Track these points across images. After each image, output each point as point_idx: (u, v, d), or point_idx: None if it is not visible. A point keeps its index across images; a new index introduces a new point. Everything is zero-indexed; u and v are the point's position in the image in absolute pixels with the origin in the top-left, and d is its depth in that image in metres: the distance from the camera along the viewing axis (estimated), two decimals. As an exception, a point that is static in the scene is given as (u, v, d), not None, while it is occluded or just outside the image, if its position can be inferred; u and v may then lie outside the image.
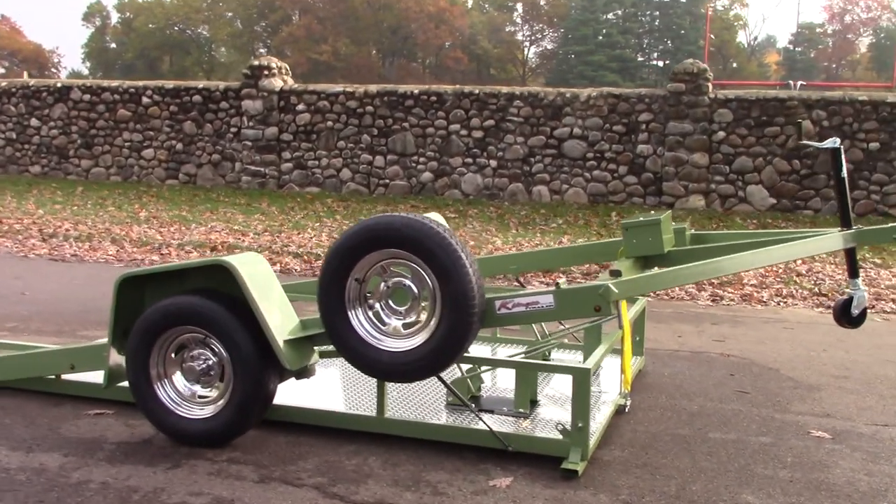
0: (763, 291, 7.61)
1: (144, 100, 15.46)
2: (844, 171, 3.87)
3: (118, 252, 9.12)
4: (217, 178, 15.18)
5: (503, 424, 3.76)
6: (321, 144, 14.58)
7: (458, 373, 4.03)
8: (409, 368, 3.41)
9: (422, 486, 3.33)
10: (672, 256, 4.19)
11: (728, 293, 7.50)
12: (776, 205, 12.62)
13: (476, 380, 4.13)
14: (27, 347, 4.53)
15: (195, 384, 3.73)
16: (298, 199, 13.73)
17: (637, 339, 4.96)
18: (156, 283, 3.80)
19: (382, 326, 3.47)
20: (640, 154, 13.14)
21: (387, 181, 14.31)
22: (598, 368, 4.24)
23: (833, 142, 3.88)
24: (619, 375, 4.30)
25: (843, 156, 3.87)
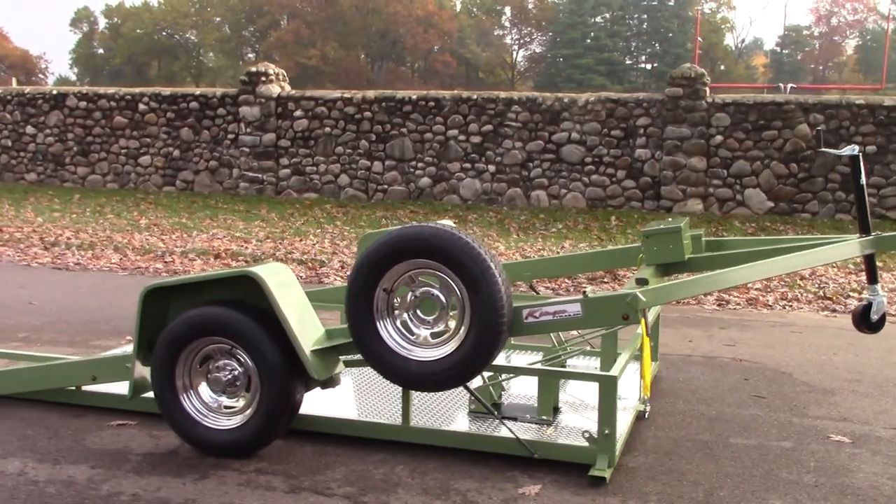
0: (768, 295, 7.66)
1: (141, 107, 15.43)
2: (864, 178, 3.91)
3: (121, 260, 9.10)
4: (214, 185, 15.17)
5: (527, 432, 3.78)
6: (319, 150, 14.59)
7: (480, 381, 4.04)
8: (438, 378, 3.42)
9: (452, 495, 3.34)
10: (692, 263, 4.22)
11: (734, 297, 7.55)
12: (774, 208, 12.69)
13: (497, 387, 4.14)
14: (47, 359, 4.52)
15: (221, 395, 3.74)
16: (297, 206, 13.73)
17: (652, 345, 4.99)
18: (181, 294, 3.80)
19: (411, 336, 3.48)
20: (639, 158, 13.19)
21: (385, 187, 14.33)
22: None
23: (852, 149, 3.92)
24: (639, 381, 4.33)
25: (862, 163, 3.91)
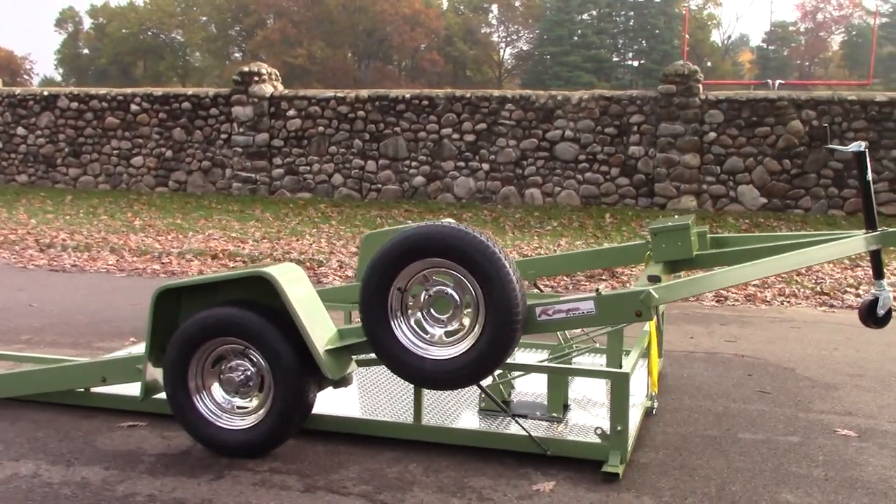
0: (766, 291, 7.71)
1: (133, 107, 15.39)
2: (870, 175, 3.95)
3: (118, 262, 9.08)
4: (207, 185, 15.14)
5: (537, 429, 3.80)
6: (312, 150, 14.58)
7: (490, 379, 4.06)
8: (453, 376, 3.43)
9: (467, 493, 3.36)
10: (699, 260, 4.26)
11: (732, 293, 7.59)
12: (767, 204, 12.78)
13: (507, 385, 4.16)
14: (55, 361, 4.52)
15: (234, 395, 3.74)
16: (291, 206, 13.73)
17: (647, 341, 5.02)
18: (193, 295, 3.80)
19: (425, 335, 3.49)
20: (632, 156, 13.25)
21: (379, 186, 14.34)
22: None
23: (858, 146, 3.96)
24: (646, 378, 4.36)
25: (868, 159, 3.95)
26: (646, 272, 4.05)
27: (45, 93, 16.18)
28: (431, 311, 3.49)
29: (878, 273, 4.06)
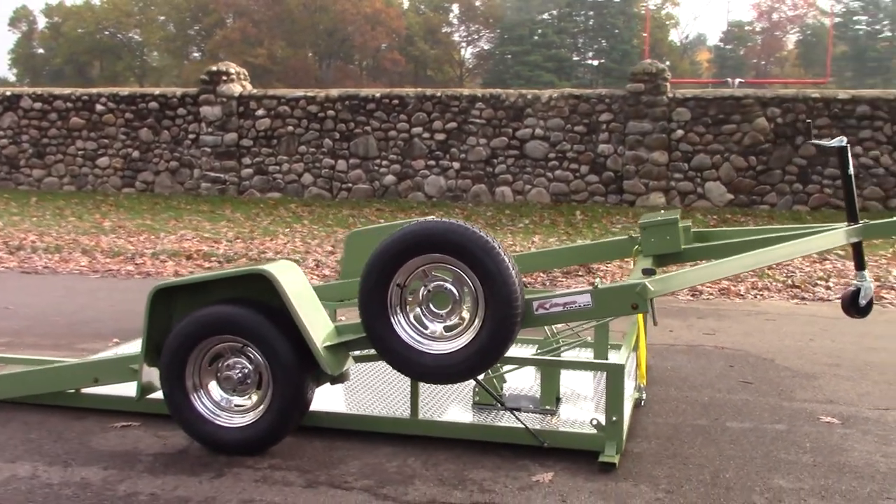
0: (739, 285, 7.86)
1: (98, 107, 15.21)
2: (851, 169, 4.06)
3: (91, 263, 8.99)
4: (175, 186, 15.02)
5: (532, 422, 3.85)
6: (282, 149, 14.53)
7: (483, 373, 4.10)
8: (453, 370, 3.47)
9: (468, 485, 3.40)
10: (687, 254, 4.34)
11: (706, 287, 7.73)
12: (734, 200, 12.99)
13: (500, 379, 4.21)
14: (44, 362, 4.48)
15: (232, 393, 3.74)
16: (262, 205, 13.67)
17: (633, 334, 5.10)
18: (189, 294, 3.80)
19: (424, 330, 3.52)
20: (601, 153, 13.39)
21: (349, 185, 14.33)
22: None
23: (840, 141, 4.07)
24: (634, 370, 4.43)
25: (850, 154, 4.06)
26: (637, 266, 4.12)
27: (8, 93, 15.93)
28: (430, 307, 3.53)
29: (860, 264, 4.17)
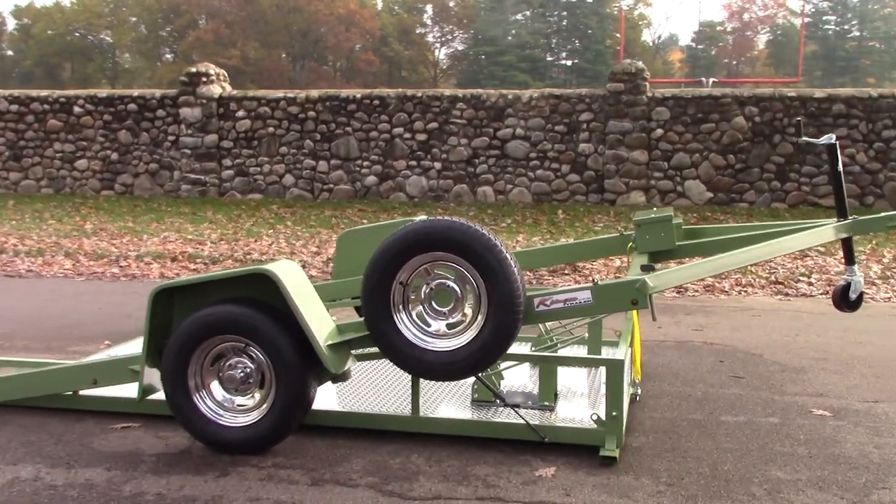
0: (724, 282, 7.96)
1: (76, 109, 15.10)
2: (840, 166, 4.14)
3: (75, 266, 8.94)
4: (155, 188, 14.93)
5: (531, 418, 3.89)
6: (263, 151, 14.50)
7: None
8: (456, 367, 3.51)
9: (472, 480, 3.44)
10: (680, 251, 4.41)
11: (691, 284, 7.81)
12: (713, 198, 13.13)
13: (497, 376, 4.26)
14: (40, 364, 4.46)
15: (234, 393, 3.75)
16: (243, 207, 13.63)
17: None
18: (190, 295, 3.81)
19: (427, 327, 3.56)
20: (582, 153, 13.48)
21: (331, 186, 14.32)
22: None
23: (829, 138, 4.15)
24: (630, 366, 4.49)
25: (839, 151, 4.14)
26: (634, 263, 4.18)
27: (-17, 96, 15.78)
28: (433, 304, 3.56)
29: (850, 259, 4.26)
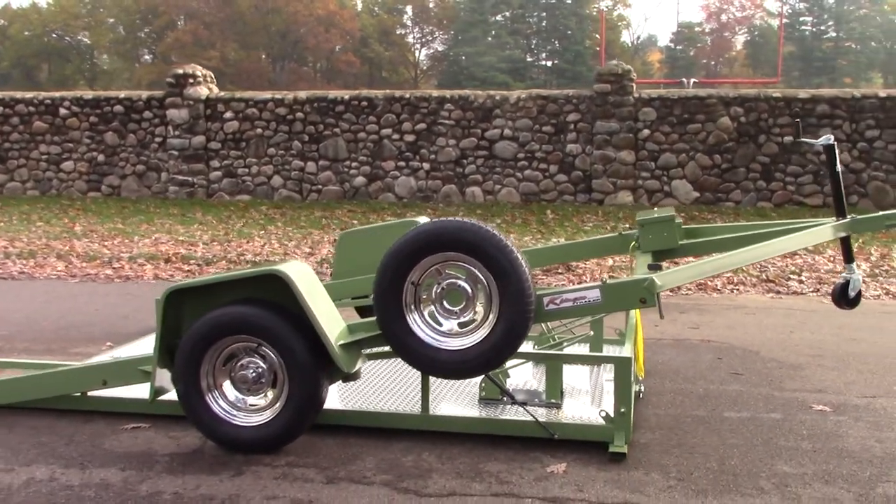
0: (716, 280, 8.05)
1: (62, 111, 15.02)
2: (839, 166, 4.22)
3: (67, 268, 8.91)
4: (143, 190, 14.88)
5: (539, 415, 3.95)
6: (251, 152, 14.48)
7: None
8: (468, 366, 3.55)
9: (485, 477, 3.49)
10: (682, 250, 4.48)
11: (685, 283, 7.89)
12: (699, 198, 13.25)
13: (503, 374, 4.31)
14: (48, 366, 4.47)
15: (246, 392, 3.78)
16: (232, 208, 13.61)
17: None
18: (199, 296, 3.83)
19: (439, 327, 3.60)
20: (570, 153, 13.57)
21: (319, 187, 14.33)
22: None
23: (827, 139, 4.23)
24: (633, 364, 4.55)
25: (837, 151, 4.22)
26: (638, 263, 4.24)
27: (-33, 97, 15.66)
28: (444, 304, 3.60)
29: (849, 258, 4.34)
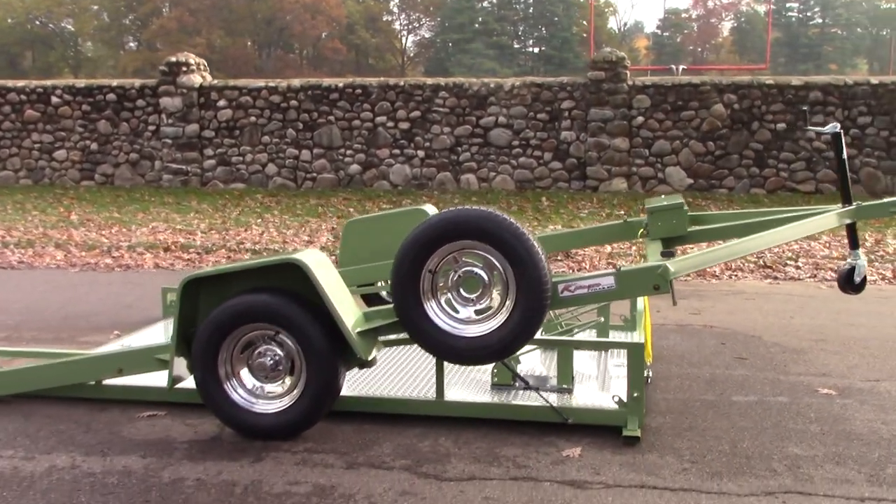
0: (714, 266, 8.12)
1: (54, 99, 14.95)
2: (845, 154, 4.29)
3: (66, 257, 8.91)
4: (136, 178, 14.85)
5: (552, 400, 4.00)
6: (245, 140, 14.47)
7: None
8: (486, 352, 3.60)
9: (502, 461, 3.54)
10: (691, 237, 4.54)
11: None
12: (693, 185, 13.34)
13: (514, 360, 4.36)
14: (61, 355, 4.49)
15: (264, 380, 3.82)
16: (227, 196, 13.60)
17: (635, 315, 5.30)
18: (216, 284, 3.86)
19: (456, 314, 3.64)
20: (564, 140, 13.62)
21: (314, 175, 14.33)
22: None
23: (833, 127, 4.29)
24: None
25: (843, 139, 4.28)
26: (649, 250, 4.30)
27: (-43, 86, 15.56)
28: (461, 291, 3.64)
29: (854, 244, 4.41)
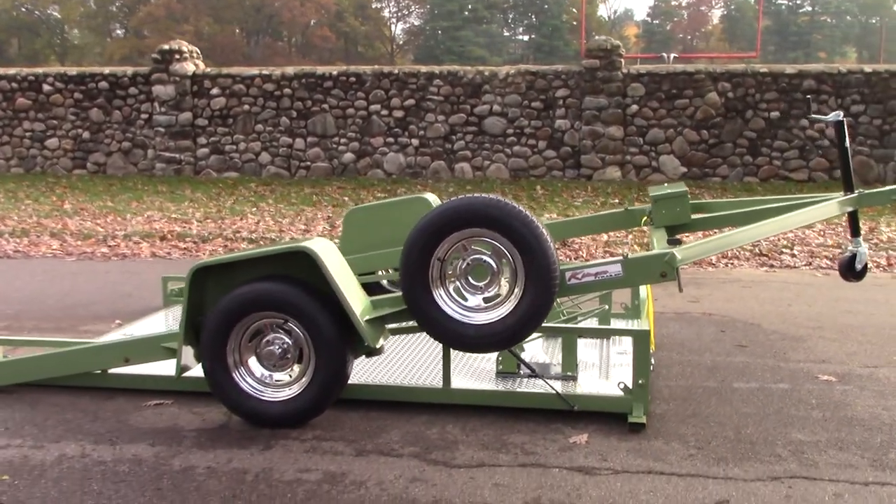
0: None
1: (45, 87, 14.87)
2: (847, 142, 4.32)
3: (63, 246, 8.88)
4: (129, 167, 14.80)
5: (558, 388, 4.03)
6: (238, 128, 14.43)
7: None
8: (494, 340, 3.62)
9: (510, 448, 3.57)
10: (694, 224, 4.57)
11: (679, 258, 8.00)
12: (687, 173, 13.38)
13: (518, 348, 4.38)
14: (66, 344, 4.49)
15: (272, 368, 3.83)
16: (221, 185, 13.57)
17: (636, 304, 5.34)
18: (225, 273, 3.87)
19: (465, 302, 3.66)
20: (559, 129, 13.64)
21: (308, 163, 14.31)
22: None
23: (837, 115, 4.33)
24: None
25: (846, 128, 4.32)
26: (656, 237, 4.33)
27: (-53, 73, 15.46)
28: (469, 279, 3.66)
29: (855, 231, 4.46)
